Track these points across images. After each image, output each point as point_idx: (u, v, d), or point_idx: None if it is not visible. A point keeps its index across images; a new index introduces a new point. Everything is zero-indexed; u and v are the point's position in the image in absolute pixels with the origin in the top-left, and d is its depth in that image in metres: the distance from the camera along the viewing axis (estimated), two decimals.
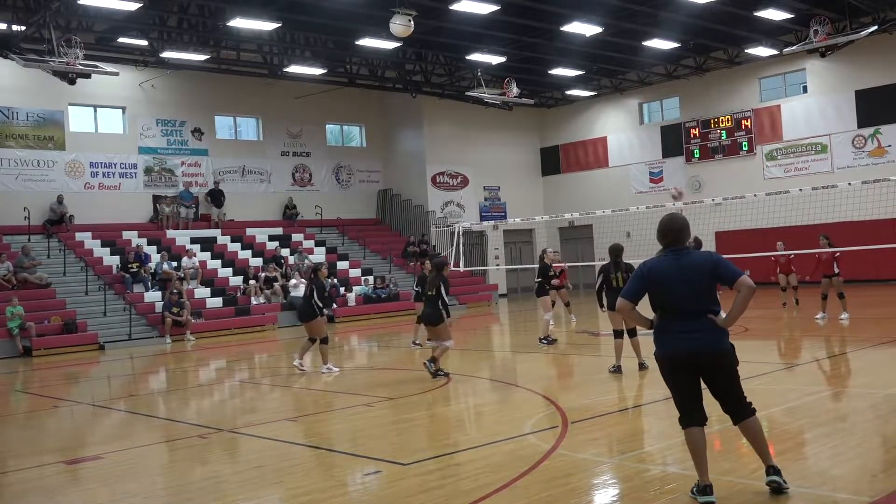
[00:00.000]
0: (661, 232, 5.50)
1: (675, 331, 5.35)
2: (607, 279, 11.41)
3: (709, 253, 5.61)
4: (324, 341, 13.09)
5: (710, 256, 5.47)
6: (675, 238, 5.47)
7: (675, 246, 5.47)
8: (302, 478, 6.78)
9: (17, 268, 21.58)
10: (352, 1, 20.81)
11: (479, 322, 23.11)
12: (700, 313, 5.31)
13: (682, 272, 5.34)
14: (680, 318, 5.34)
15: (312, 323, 13.03)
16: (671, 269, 5.38)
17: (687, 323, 5.31)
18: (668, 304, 5.38)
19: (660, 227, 5.49)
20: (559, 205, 33.14)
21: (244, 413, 10.59)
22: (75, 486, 7.26)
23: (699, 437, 5.34)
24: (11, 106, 24.16)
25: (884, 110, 25.74)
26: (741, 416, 5.43)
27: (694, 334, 5.28)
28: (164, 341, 20.72)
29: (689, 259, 5.40)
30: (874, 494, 5.33)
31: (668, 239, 5.48)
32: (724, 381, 5.40)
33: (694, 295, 5.32)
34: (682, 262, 5.38)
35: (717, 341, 5.31)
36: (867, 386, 9.54)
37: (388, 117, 32.72)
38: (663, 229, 5.49)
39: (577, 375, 11.81)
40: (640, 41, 25.30)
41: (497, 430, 8.11)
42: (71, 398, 12.90)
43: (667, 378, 5.53)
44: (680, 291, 5.33)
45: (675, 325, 5.35)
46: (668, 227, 5.48)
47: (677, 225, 5.49)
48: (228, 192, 28.08)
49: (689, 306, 5.32)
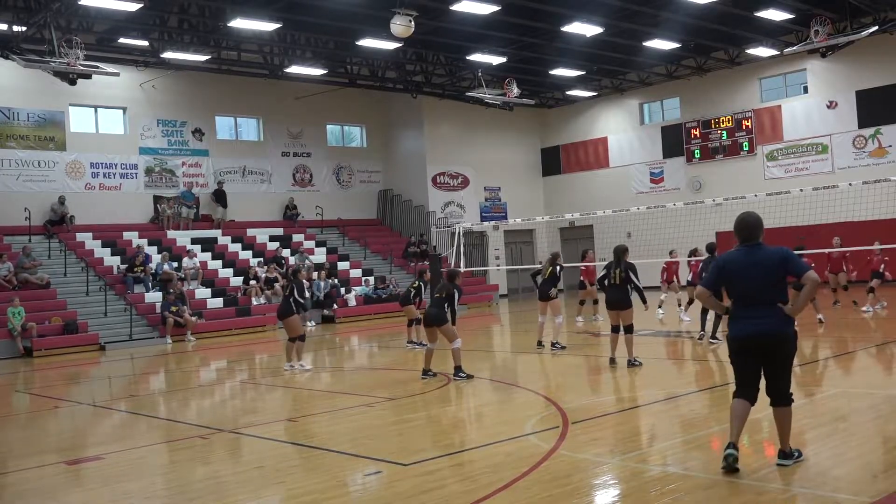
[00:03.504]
0: (736, 229, 6.09)
1: (747, 317, 5.94)
2: (607, 276, 11.82)
3: (780, 248, 6.14)
4: (300, 339, 13.50)
5: (780, 252, 6.01)
6: (749, 234, 6.04)
7: (750, 241, 6.03)
8: (302, 478, 6.79)
9: (18, 268, 21.59)
10: (352, 1, 20.81)
11: (479, 322, 23.11)
12: (770, 302, 5.90)
13: (754, 265, 5.93)
14: (752, 305, 5.93)
15: (290, 320, 13.44)
16: (745, 262, 5.97)
17: (758, 310, 5.91)
18: (742, 293, 5.99)
19: (735, 225, 6.07)
20: (560, 205, 33.15)
21: (245, 413, 10.59)
22: (76, 486, 7.27)
23: (743, 408, 5.97)
24: (12, 106, 24.17)
25: (884, 111, 25.75)
26: (782, 402, 6.01)
27: (764, 320, 5.88)
28: (164, 342, 20.74)
29: (762, 253, 5.97)
30: (875, 495, 5.33)
31: (743, 235, 6.06)
32: (780, 363, 5.97)
33: (764, 285, 5.91)
34: (755, 256, 5.96)
35: (783, 327, 5.91)
36: (868, 386, 9.55)
37: (389, 118, 32.73)
38: (739, 226, 6.07)
39: (577, 376, 11.81)
40: (641, 41, 25.30)
41: (498, 430, 8.11)
42: (72, 398, 12.91)
43: (734, 357, 6.10)
44: (752, 282, 5.92)
45: (747, 311, 5.95)
46: (743, 224, 6.06)
47: (751, 222, 6.05)
48: (229, 192, 28.09)
49: (760, 295, 5.91)
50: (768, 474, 5.97)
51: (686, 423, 8.15)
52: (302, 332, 13.61)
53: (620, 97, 32.43)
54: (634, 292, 11.65)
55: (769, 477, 5.91)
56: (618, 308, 11.73)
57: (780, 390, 5.99)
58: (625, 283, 11.59)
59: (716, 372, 11.88)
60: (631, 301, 11.66)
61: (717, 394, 9.68)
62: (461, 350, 11.53)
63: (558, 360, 13.27)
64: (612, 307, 11.85)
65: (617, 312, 11.76)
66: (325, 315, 24.76)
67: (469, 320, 23.72)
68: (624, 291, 11.60)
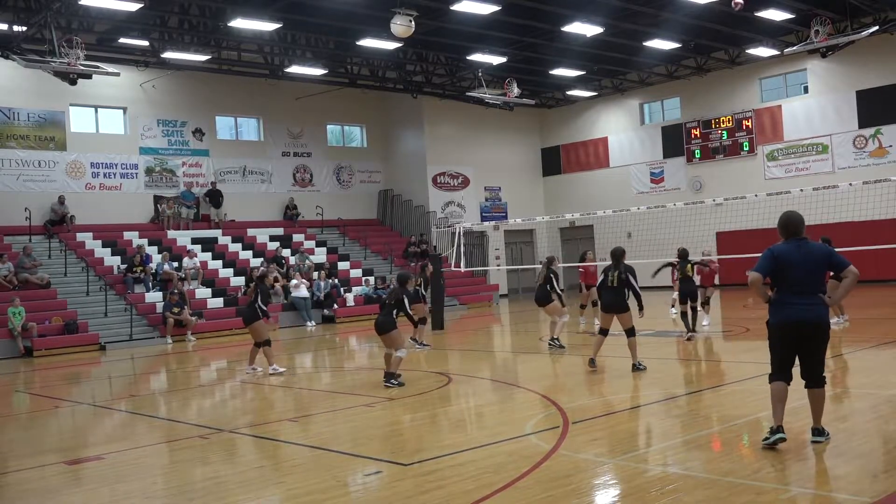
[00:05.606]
0: (783, 226, 6.67)
1: (794, 303, 6.52)
2: (605, 278, 11.59)
3: (824, 244, 6.95)
4: (266, 343, 13.43)
5: (825, 248, 6.75)
6: (796, 230, 6.64)
7: (797, 236, 6.63)
8: (303, 478, 6.78)
9: (19, 268, 21.60)
10: (352, 1, 20.82)
11: (479, 322, 23.12)
12: (814, 291, 6.53)
13: (804, 257, 6.53)
14: (801, 293, 6.51)
15: (255, 325, 13.41)
16: (796, 254, 6.55)
17: (805, 297, 6.50)
18: (791, 282, 6.53)
19: (781, 222, 6.68)
20: (560, 205, 33.15)
21: (245, 413, 10.59)
22: (76, 486, 7.27)
23: (782, 390, 6.61)
24: (12, 106, 24.18)
25: (885, 111, 25.75)
26: (816, 383, 6.62)
27: (810, 307, 6.49)
28: (164, 342, 20.74)
29: (810, 247, 6.61)
30: (875, 495, 5.33)
31: (790, 230, 6.64)
32: (817, 348, 6.59)
33: (811, 276, 6.54)
34: (804, 249, 6.57)
35: (824, 315, 6.58)
36: (868, 386, 9.54)
37: (389, 118, 32.73)
38: (785, 223, 6.66)
39: (577, 376, 11.80)
40: (641, 41, 25.31)
41: (498, 430, 8.11)
42: (72, 398, 12.91)
43: (774, 341, 6.67)
44: (801, 272, 6.51)
45: (794, 298, 6.52)
46: (789, 221, 6.66)
47: (798, 220, 6.68)
48: (229, 192, 28.10)
49: (809, 285, 6.52)
50: (768, 474, 5.97)
51: (686, 423, 8.15)
52: (267, 336, 13.49)
53: (621, 97, 32.43)
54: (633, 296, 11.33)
55: (769, 477, 5.91)
56: (614, 311, 11.43)
57: (817, 373, 6.60)
58: (622, 286, 11.30)
59: (716, 372, 11.88)
60: (628, 304, 11.36)
61: (718, 394, 9.69)
62: (402, 361, 11.35)
63: (558, 360, 13.27)
64: (608, 310, 11.57)
65: (613, 316, 11.49)
66: (325, 315, 24.77)
67: (469, 320, 23.74)
68: (621, 294, 11.32)
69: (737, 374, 10.85)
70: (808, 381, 6.64)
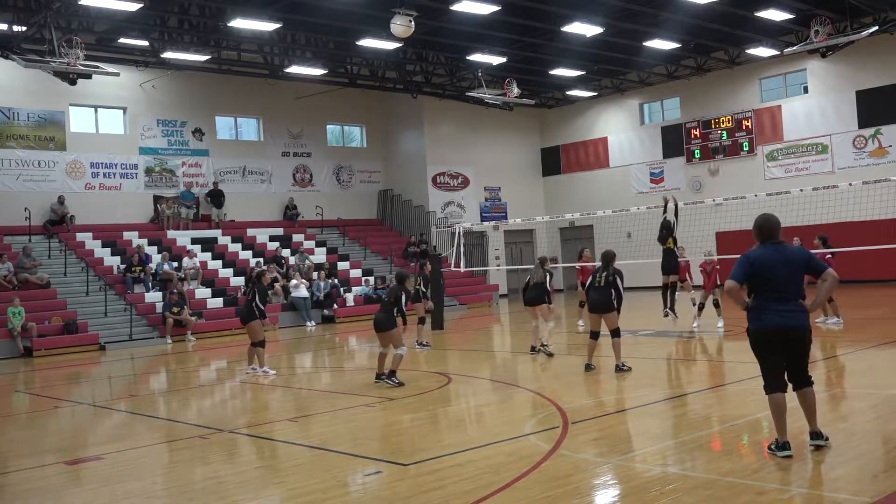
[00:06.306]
0: (759, 228, 6.49)
1: (774, 309, 6.31)
2: (593, 279, 11.68)
3: (802, 248, 6.83)
4: (260, 344, 13.39)
5: (802, 251, 6.63)
6: (771, 233, 6.46)
7: (773, 240, 6.44)
8: (302, 478, 6.78)
9: (18, 268, 21.59)
10: (352, 1, 20.81)
11: (479, 322, 23.12)
12: (794, 296, 6.34)
13: (783, 261, 6.33)
14: (780, 299, 6.31)
15: (252, 324, 13.42)
16: (774, 258, 6.34)
17: (785, 303, 6.31)
18: (770, 287, 6.32)
19: (757, 225, 6.49)
20: (560, 205, 33.14)
21: (245, 413, 10.60)
22: (76, 486, 7.27)
23: (782, 401, 6.33)
24: (12, 106, 24.17)
25: (884, 111, 25.73)
26: (804, 384, 6.44)
27: (790, 313, 6.30)
28: (164, 342, 20.74)
29: (788, 251, 6.43)
30: (875, 495, 5.33)
31: (765, 234, 6.46)
32: (800, 353, 6.42)
33: (791, 281, 6.35)
34: (783, 253, 6.37)
35: (805, 320, 6.39)
36: (868, 386, 9.55)
37: (389, 118, 32.73)
38: (762, 226, 6.47)
39: (576, 376, 11.80)
40: (641, 41, 25.30)
41: (497, 430, 8.12)
42: (72, 398, 12.91)
43: (759, 350, 6.48)
44: (781, 277, 6.31)
45: (774, 304, 6.32)
46: (765, 224, 6.48)
47: (775, 223, 6.50)
48: (229, 192, 28.09)
49: (788, 290, 6.33)
50: (768, 474, 5.97)
51: (686, 423, 8.15)
52: (262, 337, 13.46)
53: (620, 97, 32.43)
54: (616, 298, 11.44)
55: (769, 477, 5.92)
56: (600, 311, 11.50)
57: (801, 375, 6.44)
58: (609, 287, 11.39)
59: (716, 372, 11.88)
60: (614, 304, 11.46)
61: (718, 394, 9.70)
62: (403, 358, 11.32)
63: (558, 360, 13.26)
64: (594, 310, 11.63)
65: (599, 316, 11.55)
66: (325, 315, 24.76)
67: (469, 320, 23.74)
68: (607, 294, 11.40)
69: (737, 374, 10.85)
70: (795, 383, 6.46)
